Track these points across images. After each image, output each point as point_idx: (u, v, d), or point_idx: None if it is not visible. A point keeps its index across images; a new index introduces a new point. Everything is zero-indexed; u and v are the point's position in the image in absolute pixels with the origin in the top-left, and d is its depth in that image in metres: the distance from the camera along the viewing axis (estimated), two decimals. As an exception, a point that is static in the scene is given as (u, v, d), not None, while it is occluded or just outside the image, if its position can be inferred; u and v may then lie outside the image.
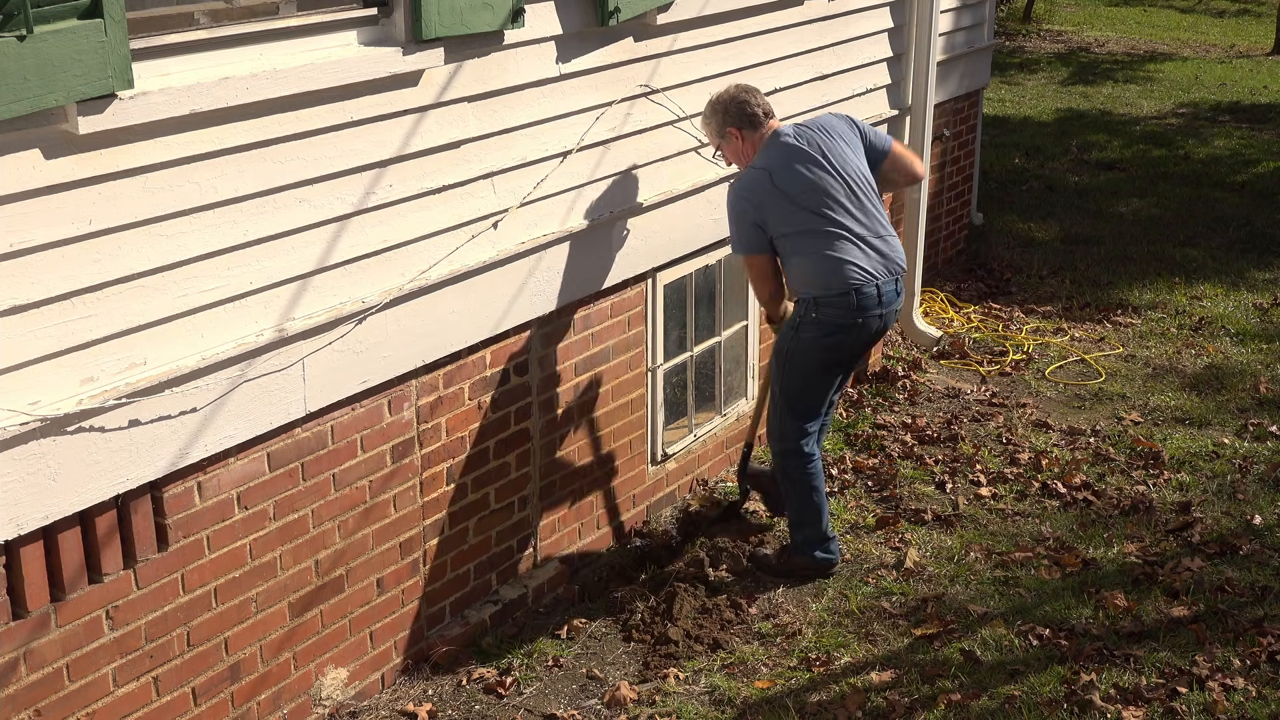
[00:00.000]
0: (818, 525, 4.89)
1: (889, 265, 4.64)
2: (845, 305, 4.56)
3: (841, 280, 4.55)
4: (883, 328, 4.72)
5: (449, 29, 3.83)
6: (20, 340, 3.03)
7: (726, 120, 4.68)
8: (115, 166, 3.13)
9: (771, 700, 4.20)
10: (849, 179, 4.61)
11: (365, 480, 4.04)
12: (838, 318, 4.59)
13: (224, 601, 3.68)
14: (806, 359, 4.69)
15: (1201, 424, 6.19)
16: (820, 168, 4.59)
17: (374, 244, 3.86)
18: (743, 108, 4.66)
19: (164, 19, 3.34)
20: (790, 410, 4.77)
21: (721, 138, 4.74)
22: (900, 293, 4.71)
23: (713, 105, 4.73)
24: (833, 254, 4.55)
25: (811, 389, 4.76)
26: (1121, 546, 5.08)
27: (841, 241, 4.56)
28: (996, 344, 7.15)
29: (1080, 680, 4.21)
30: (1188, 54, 17.01)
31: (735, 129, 4.68)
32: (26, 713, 3.23)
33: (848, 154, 4.67)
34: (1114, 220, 9.45)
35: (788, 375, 4.73)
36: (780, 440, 4.83)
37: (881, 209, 4.71)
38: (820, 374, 4.74)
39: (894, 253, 4.68)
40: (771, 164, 4.60)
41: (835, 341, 4.64)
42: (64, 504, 3.18)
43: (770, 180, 4.57)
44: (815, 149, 4.62)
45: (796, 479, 4.84)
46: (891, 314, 4.70)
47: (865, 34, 6.06)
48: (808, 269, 4.58)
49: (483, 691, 4.27)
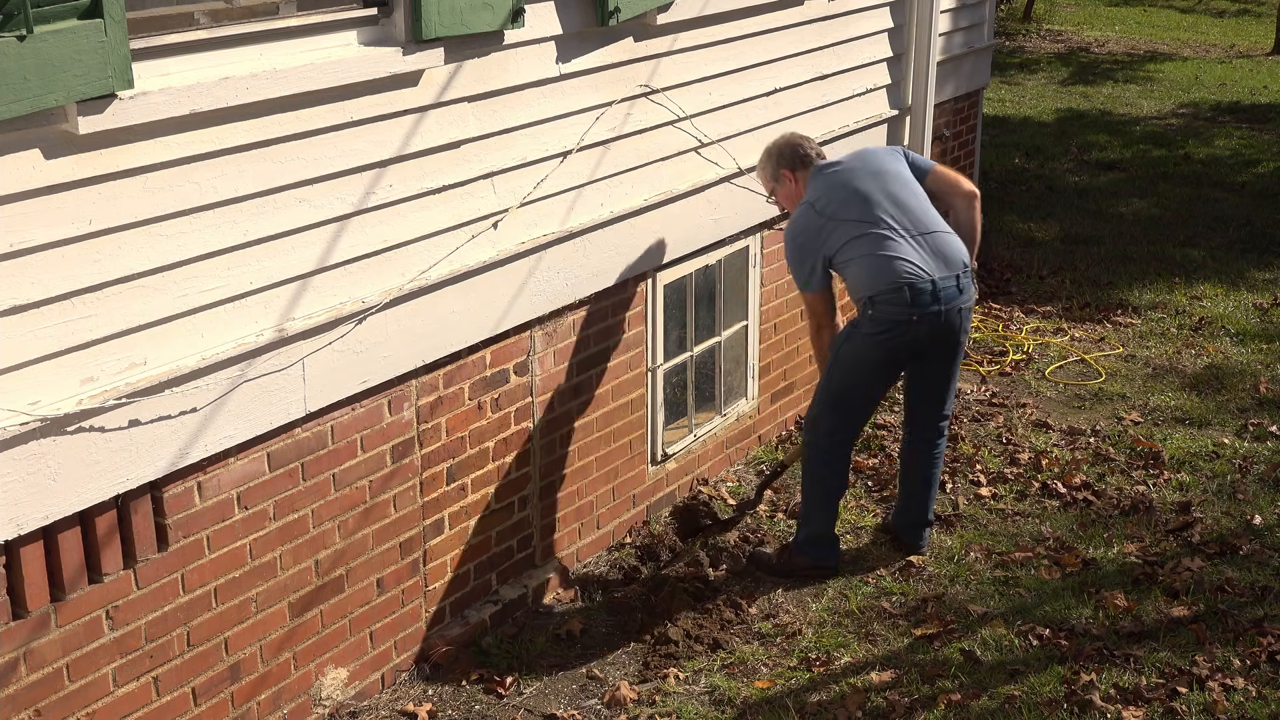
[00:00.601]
0: (825, 527, 4.88)
1: (945, 261, 4.63)
2: (900, 301, 4.55)
3: (893, 276, 4.55)
4: (947, 327, 4.64)
5: (449, 29, 3.84)
6: (20, 340, 3.03)
7: (781, 163, 4.84)
8: (115, 166, 3.13)
9: (771, 700, 4.20)
10: (889, 183, 4.68)
11: (365, 480, 4.04)
12: (893, 314, 4.57)
13: (224, 601, 3.68)
14: (857, 355, 4.67)
15: (1201, 424, 6.19)
16: (858, 179, 4.70)
17: (374, 244, 3.86)
18: (796, 149, 4.84)
19: (164, 19, 3.34)
20: (830, 405, 4.77)
21: (776, 181, 4.89)
22: (964, 290, 4.65)
23: (768, 152, 4.91)
24: (883, 253, 4.58)
25: (856, 388, 4.74)
26: (1121, 546, 5.08)
27: (889, 241, 4.59)
28: (996, 344, 7.15)
29: (1080, 680, 4.21)
30: (1188, 54, 17.01)
31: (789, 171, 4.84)
32: (26, 713, 3.23)
33: (886, 163, 4.77)
34: (1114, 220, 9.45)
35: (835, 369, 4.74)
36: (812, 431, 4.84)
37: (932, 209, 4.73)
38: (869, 374, 4.72)
39: (949, 248, 4.66)
40: (814, 194, 4.74)
41: (889, 339, 4.61)
42: (64, 504, 3.18)
43: (814, 210, 4.69)
44: (851, 165, 4.76)
45: (816, 475, 4.84)
46: (954, 312, 4.63)
47: (865, 34, 6.06)
48: (862, 271, 4.61)
49: (483, 691, 4.27)
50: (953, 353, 4.78)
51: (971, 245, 4.82)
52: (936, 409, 4.93)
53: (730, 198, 5.32)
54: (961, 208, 4.88)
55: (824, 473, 4.83)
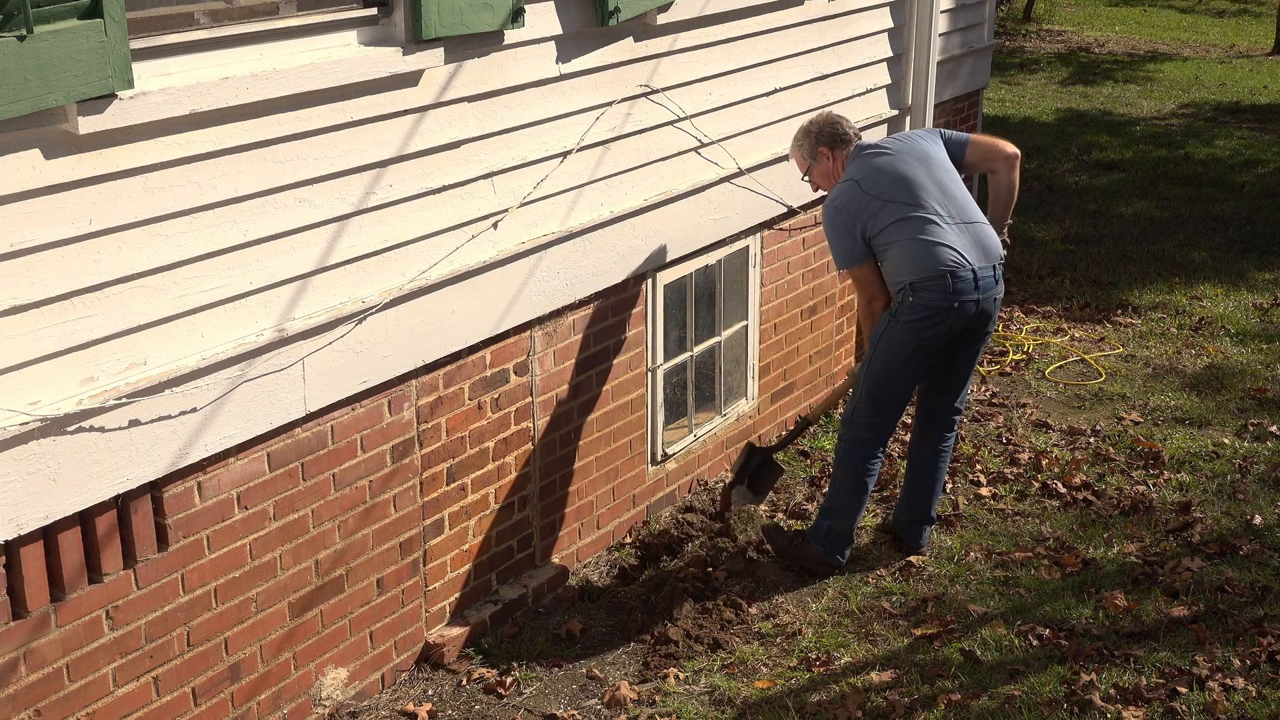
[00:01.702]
0: (849, 522, 4.89)
1: (985, 251, 4.66)
2: (942, 288, 4.56)
3: (936, 262, 4.56)
4: (981, 316, 4.68)
5: (449, 29, 3.84)
6: (20, 340, 3.03)
7: (820, 141, 4.86)
8: (115, 166, 3.13)
9: (771, 700, 4.20)
10: (934, 169, 4.70)
11: (365, 480, 4.04)
12: (934, 301, 4.58)
13: (224, 601, 3.68)
14: (897, 344, 4.67)
15: (1201, 424, 6.19)
16: (904, 163, 4.70)
17: (374, 244, 3.86)
18: (834, 127, 4.86)
19: (164, 19, 3.34)
20: (869, 396, 4.77)
21: (813, 159, 4.90)
22: (999, 280, 4.70)
23: (805, 129, 4.92)
24: (927, 238, 4.59)
25: (895, 378, 4.74)
26: (1121, 546, 5.08)
27: (934, 226, 4.60)
28: (996, 344, 7.15)
29: (1080, 680, 4.21)
30: (1188, 54, 17.01)
31: (827, 149, 4.85)
32: (26, 713, 3.23)
33: (929, 149, 4.78)
34: (1114, 220, 9.45)
35: (874, 359, 4.74)
36: (850, 425, 4.85)
37: (970, 198, 4.76)
38: (907, 362, 4.71)
39: (988, 239, 4.70)
40: (858, 173, 4.73)
41: (929, 326, 4.61)
42: (64, 504, 3.18)
43: (859, 188, 4.68)
44: (896, 148, 4.76)
45: (850, 469, 4.85)
46: (990, 301, 4.67)
47: (865, 34, 6.06)
48: (904, 256, 4.61)
49: (483, 691, 4.28)
50: (980, 342, 4.82)
51: (1010, 203, 4.92)
52: (951, 400, 4.95)
53: (730, 198, 5.32)
54: (1003, 170, 4.92)
55: (856, 466, 4.84)
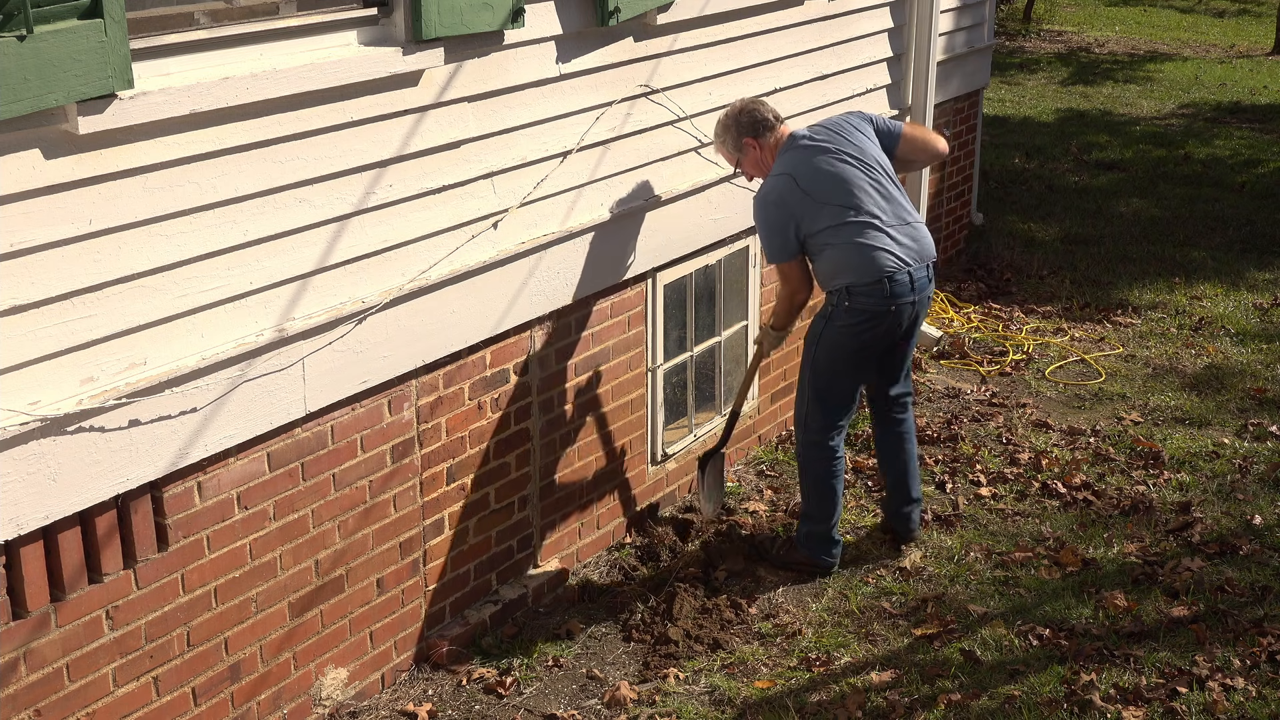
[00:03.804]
0: (826, 524, 4.88)
1: (920, 251, 4.65)
2: (879, 293, 4.56)
3: (875, 268, 4.55)
4: (915, 316, 4.70)
5: (449, 29, 3.84)
6: (20, 340, 3.03)
7: (741, 132, 4.73)
8: (115, 166, 3.13)
9: (771, 700, 4.20)
10: (870, 168, 4.65)
11: (365, 480, 4.04)
12: (871, 305, 4.58)
13: (224, 601, 3.68)
14: (838, 348, 4.68)
15: (1201, 424, 6.19)
16: (841, 160, 4.63)
17: (374, 244, 3.86)
18: (752, 115, 4.72)
19: (164, 19, 3.34)
20: (818, 401, 4.77)
21: (739, 151, 4.78)
22: (931, 279, 4.71)
23: (723, 123, 4.79)
24: (864, 242, 4.56)
25: (840, 380, 4.75)
26: (1121, 546, 5.08)
27: (871, 230, 4.57)
28: (996, 344, 7.15)
29: (1080, 680, 4.21)
30: (1188, 54, 17.01)
31: (751, 139, 4.73)
32: (26, 713, 3.23)
33: (865, 144, 4.71)
34: (1114, 220, 9.44)
35: (817, 365, 4.73)
36: (805, 430, 4.83)
37: (905, 196, 4.73)
38: (851, 364, 4.73)
39: (923, 239, 4.69)
40: (793, 167, 4.63)
41: (868, 329, 4.63)
42: (64, 504, 3.18)
43: (795, 183, 4.60)
44: (833, 144, 4.67)
45: (815, 473, 4.84)
46: (924, 301, 4.69)
47: (865, 34, 6.06)
48: (840, 259, 4.58)
49: (483, 691, 4.28)
50: (915, 333, 4.84)
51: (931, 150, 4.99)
52: (895, 384, 4.95)
53: (730, 198, 5.32)
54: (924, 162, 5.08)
55: (821, 469, 4.83)
